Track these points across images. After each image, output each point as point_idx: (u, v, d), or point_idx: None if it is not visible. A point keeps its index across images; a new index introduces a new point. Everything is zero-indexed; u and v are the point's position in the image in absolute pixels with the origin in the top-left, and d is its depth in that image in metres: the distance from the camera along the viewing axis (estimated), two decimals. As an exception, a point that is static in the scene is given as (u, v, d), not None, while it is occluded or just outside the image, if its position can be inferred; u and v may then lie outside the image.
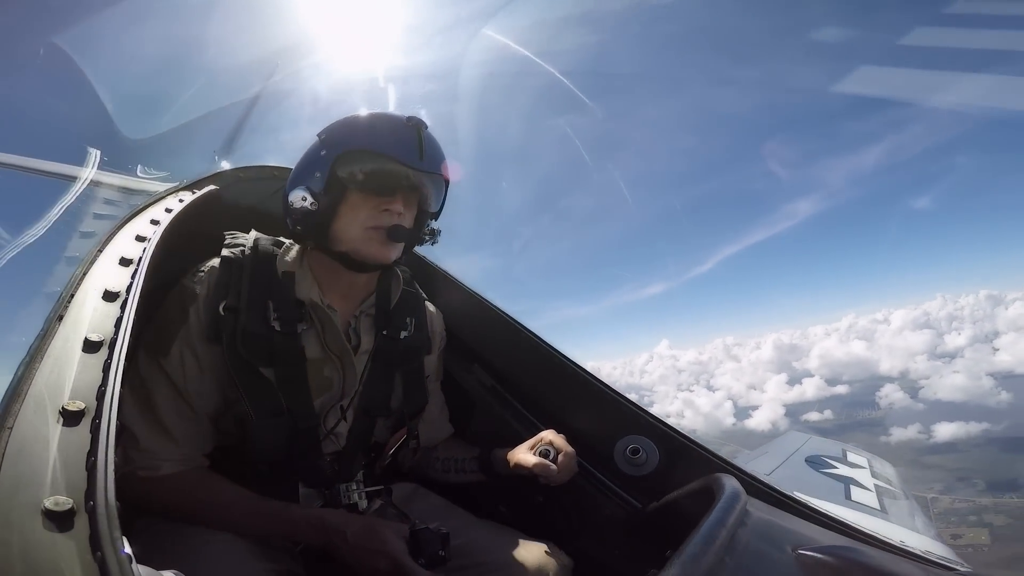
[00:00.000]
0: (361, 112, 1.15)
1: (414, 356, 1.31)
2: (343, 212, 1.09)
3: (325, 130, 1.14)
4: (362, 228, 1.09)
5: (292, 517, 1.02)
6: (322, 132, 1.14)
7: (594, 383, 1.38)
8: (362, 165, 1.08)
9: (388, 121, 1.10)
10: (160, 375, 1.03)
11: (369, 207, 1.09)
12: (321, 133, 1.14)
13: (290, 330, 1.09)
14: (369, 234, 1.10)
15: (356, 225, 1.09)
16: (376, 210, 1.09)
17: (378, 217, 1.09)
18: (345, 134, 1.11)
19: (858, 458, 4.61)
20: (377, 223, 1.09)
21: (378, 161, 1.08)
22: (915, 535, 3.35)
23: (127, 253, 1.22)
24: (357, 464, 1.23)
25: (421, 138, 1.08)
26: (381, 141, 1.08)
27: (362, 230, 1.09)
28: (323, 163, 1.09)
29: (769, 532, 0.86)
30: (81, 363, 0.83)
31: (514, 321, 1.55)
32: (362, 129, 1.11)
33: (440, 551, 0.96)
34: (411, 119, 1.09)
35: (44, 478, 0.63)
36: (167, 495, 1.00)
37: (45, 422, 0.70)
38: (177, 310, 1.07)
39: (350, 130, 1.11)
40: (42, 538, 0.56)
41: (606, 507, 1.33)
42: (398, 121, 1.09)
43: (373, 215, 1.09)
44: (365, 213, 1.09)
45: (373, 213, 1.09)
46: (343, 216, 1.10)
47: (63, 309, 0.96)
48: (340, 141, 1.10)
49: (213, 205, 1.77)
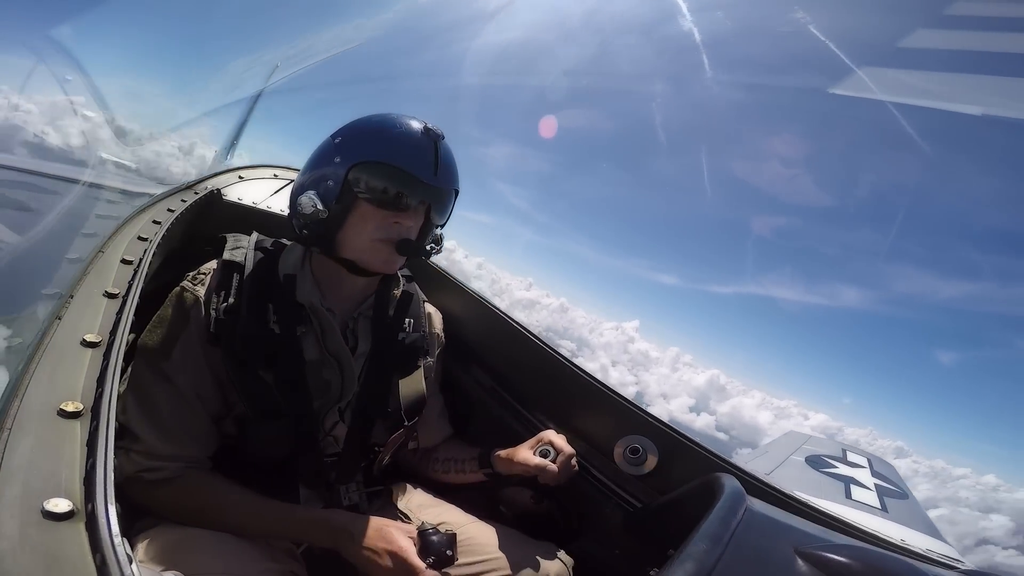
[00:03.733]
0: (378, 117, 1.11)
1: (412, 357, 1.31)
2: (352, 221, 1.08)
3: (340, 133, 1.11)
4: (370, 239, 1.09)
5: (298, 518, 1.02)
6: (337, 135, 1.12)
7: (593, 384, 1.38)
8: (377, 177, 1.06)
9: (406, 131, 1.08)
10: (162, 377, 1.03)
11: (379, 219, 1.08)
12: (336, 136, 1.12)
13: (289, 333, 1.09)
14: (377, 246, 1.09)
15: (364, 235, 1.09)
16: (386, 222, 1.08)
17: (387, 229, 1.08)
18: (361, 143, 1.09)
19: (858, 458, 4.61)
20: (386, 236, 1.09)
21: (394, 175, 1.06)
22: (916, 534, 3.35)
23: (128, 253, 1.22)
24: (357, 465, 1.23)
25: (437, 151, 1.08)
26: (398, 154, 1.06)
27: (370, 241, 1.09)
28: (337, 171, 1.07)
29: (770, 531, 0.85)
30: (80, 363, 0.83)
31: (513, 322, 1.55)
32: (379, 139, 1.08)
33: (448, 551, 0.95)
34: (429, 131, 1.08)
35: (43, 479, 0.62)
36: (173, 497, 1.00)
37: (44, 422, 0.70)
38: (178, 312, 1.07)
39: (366, 139, 1.09)
40: (41, 540, 0.55)
41: (606, 507, 1.33)
42: (416, 131, 1.07)
43: (383, 227, 1.08)
44: (374, 224, 1.08)
45: (383, 225, 1.08)
46: (352, 225, 1.09)
47: (63, 309, 0.96)
48: (356, 150, 1.08)
49: (215, 205, 1.77)
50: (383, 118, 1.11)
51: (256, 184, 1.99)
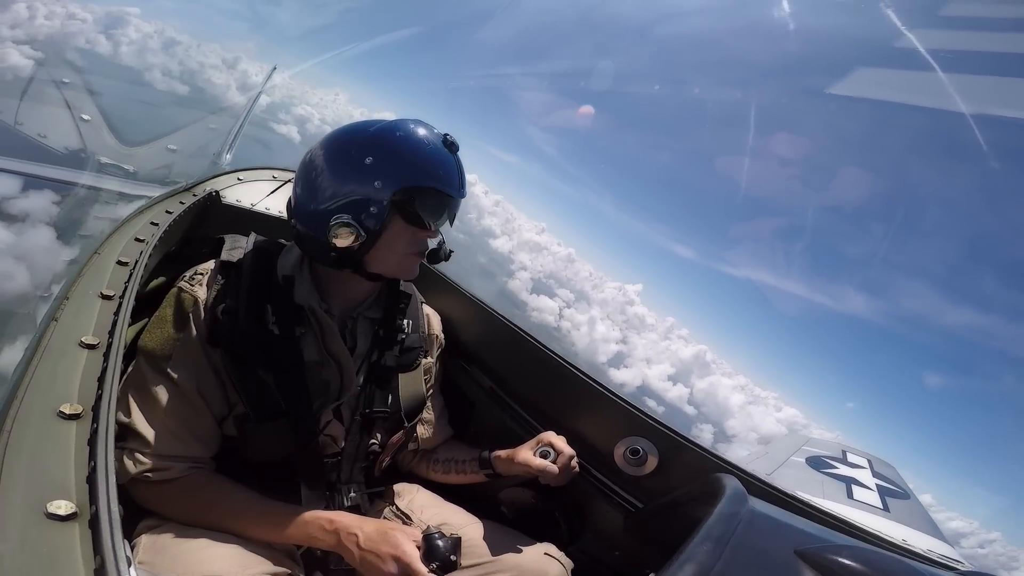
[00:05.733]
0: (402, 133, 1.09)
1: (411, 358, 1.31)
2: (385, 239, 1.10)
3: (370, 152, 1.06)
4: (403, 254, 1.13)
5: (303, 519, 1.01)
6: (366, 154, 1.06)
7: (593, 385, 1.38)
8: (424, 203, 1.09)
9: (435, 150, 1.09)
10: (164, 378, 1.03)
11: (411, 234, 1.11)
12: (365, 155, 1.06)
13: (288, 334, 1.09)
14: (408, 259, 1.14)
15: (397, 252, 1.12)
16: (416, 237, 1.13)
17: (419, 244, 1.14)
18: (399, 166, 1.07)
19: (858, 459, 4.62)
20: (417, 249, 1.14)
21: (440, 199, 1.10)
22: (918, 534, 3.35)
23: (125, 255, 1.22)
24: (357, 466, 1.23)
25: (460, 165, 1.12)
26: (437, 176, 1.09)
27: (402, 256, 1.13)
28: (379, 196, 1.05)
29: (771, 531, 0.85)
30: (78, 365, 0.83)
31: (512, 323, 1.55)
32: (416, 161, 1.07)
33: (452, 556, 0.95)
34: (451, 144, 1.11)
35: (44, 481, 0.62)
36: (177, 498, 1.00)
37: (43, 425, 0.70)
38: (177, 313, 1.07)
39: (404, 161, 1.07)
40: (42, 542, 0.55)
41: (606, 508, 1.33)
42: (443, 149, 1.10)
43: (415, 242, 1.13)
44: (407, 240, 1.11)
45: (415, 240, 1.13)
46: (384, 243, 1.10)
47: (59, 311, 0.95)
48: (396, 174, 1.06)
49: (212, 207, 1.77)
50: (408, 135, 1.08)
51: (255, 186, 1.99)
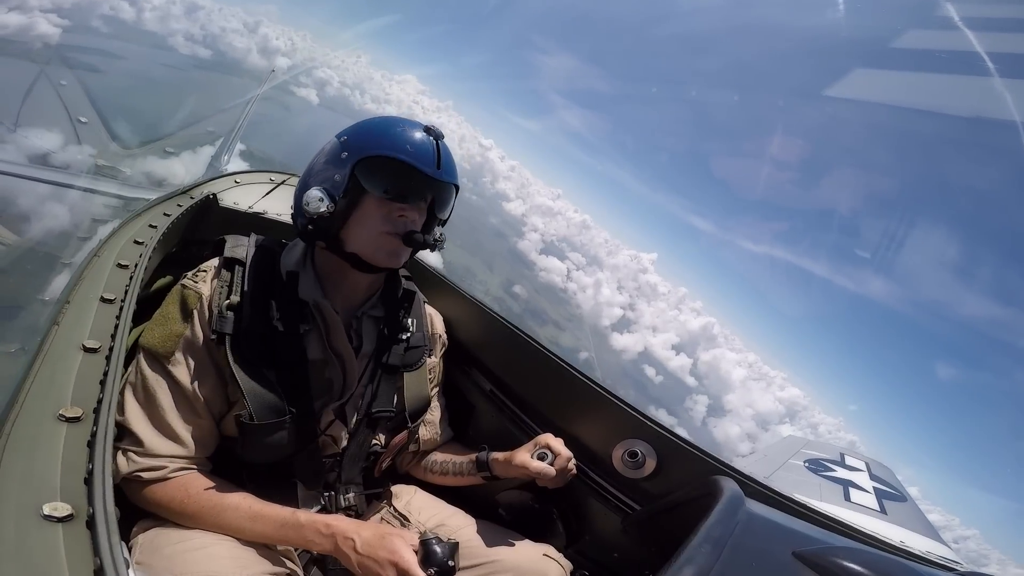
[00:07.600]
0: (381, 118, 1.16)
1: (416, 358, 1.31)
2: (358, 215, 1.11)
3: (347, 132, 1.15)
4: (377, 232, 1.11)
5: (299, 522, 1.01)
6: (343, 134, 1.15)
7: (592, 387, 1.38)
8: (383, 171, 1.10)
9: (409, 129, 1.12)
10: (164, 376, 1.03)
11: (384, 211, 1.11)
12: (342, 135, 1.15)
13: (292, 331, 1.09)
14: (384, 239, 1.11)
15: (371, 229, 1.11)
16: (391, 215, 1.11)
17: (394, 222, 1.11)
18: (366, 139, 1.12)
19: (856, 461, 4.64)
20: (393, 228, 1.11)
21: (399, 168, 1.10)
22: (915, 535, 3.36)
23: (124, 258, 1.22)
24: (357, 466, 1.23)
25: (439, 148, 1.12)
26: (402, 148, 1.10)
27: (377, 234, 1.11)
28: (343, 166, 1.10)
29: (769, 533, 0.86)
30: (78, 368, 0.83)
31: (511, 325, 1.55)
32: (383, 135, 1.12)
33: (450, 561, 0.95)
34: (430, 129, 1.12)
35: (43, 483, 0.62)
36: (171, 497, 0.99)
37: (43, 427, 0.70)
38: (179, 310, 1.07)
39: (371, 136, 1.12)
40: (40, 543, 0.55)
41: (604, 510, 1.33)
42: (418, 129, 1.12)
43: (389, 220, 1.11)
44: (380, 217, 1.10)
45: (388, 218, 1.11)
46: (358, 219, 1.11)
47: (60, 314, 0.96)
48: (361, 146, 1.11)
49: (210, 210, 1.77)
50: (386, 118, 1.15)
51: (252, 188, 1.99)
